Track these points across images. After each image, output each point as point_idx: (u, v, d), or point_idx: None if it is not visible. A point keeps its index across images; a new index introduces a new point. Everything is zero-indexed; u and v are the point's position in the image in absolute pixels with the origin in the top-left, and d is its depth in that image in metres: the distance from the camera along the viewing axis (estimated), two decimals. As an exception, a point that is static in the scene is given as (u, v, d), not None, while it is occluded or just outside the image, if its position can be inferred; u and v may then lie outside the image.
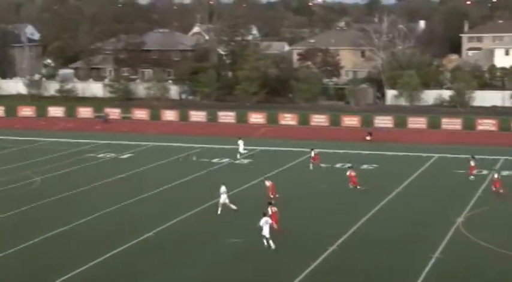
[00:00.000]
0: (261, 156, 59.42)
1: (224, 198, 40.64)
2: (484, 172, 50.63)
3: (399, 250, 34.40)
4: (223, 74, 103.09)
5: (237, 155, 58.20)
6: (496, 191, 44.86)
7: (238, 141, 58.75)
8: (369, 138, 68.41)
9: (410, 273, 31.07)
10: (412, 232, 37.42)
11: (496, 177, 45.79)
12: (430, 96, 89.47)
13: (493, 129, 73.58)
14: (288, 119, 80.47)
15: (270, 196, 42.33)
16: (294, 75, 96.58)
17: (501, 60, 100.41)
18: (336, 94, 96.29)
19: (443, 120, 75.97)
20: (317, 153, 54.58)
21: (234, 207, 40.53)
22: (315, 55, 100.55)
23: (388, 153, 60.37)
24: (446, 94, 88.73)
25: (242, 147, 58.45)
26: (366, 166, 54.94)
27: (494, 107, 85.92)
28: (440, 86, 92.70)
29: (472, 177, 49.35)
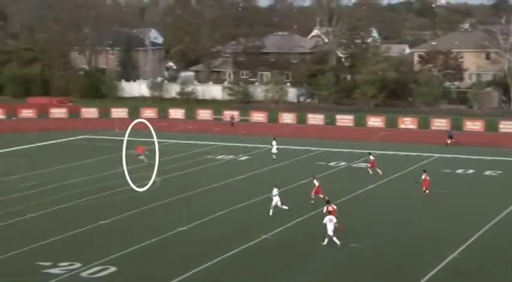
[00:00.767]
0: (379, 160, 58.21)
1: (276, 201, 40.48)
2: None
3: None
4: (342, 77, 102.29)
5: (272, 156, 58.79)
6: None
7: (273, 141, 59.46)
8: (450, 141, 66.68)
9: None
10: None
11: None
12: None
13: None
14: (407, 123, 78.80)
15: (311, 196, 42.85)
16: (414, 78, 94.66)
17: None
18: (458, 98, 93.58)
19: None
20: (374, 158, 53.22)
21: (286, 207, 40.45)
22: (436, 58, 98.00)
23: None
24: None
25: (275, 148, 59.14)
26: (489, 172, 52.95)
27: None
28: None
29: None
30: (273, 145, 59.51)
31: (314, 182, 43.99)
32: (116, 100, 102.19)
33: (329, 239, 34.43)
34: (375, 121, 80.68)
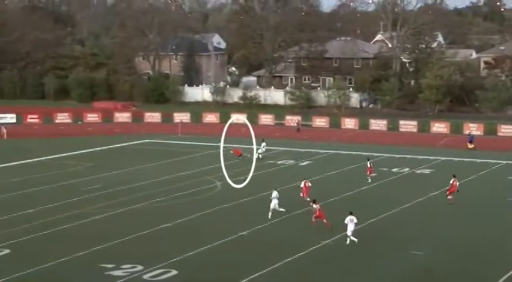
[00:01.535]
0: (443, 167, 57.34)
1: (275, 204, 40.99)
2: None
3: None
4: (406, 82, 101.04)
5: (259, 156, 60.90)
6: None
7: (262, 143, 62.10)
8: (471, 146, 66.25)
9: None
10: None
11: None
12: None
13: None
14: (473, 129, 77.23)
15: (302, 196, 44.30)
16: (480, 83, 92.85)
17: None
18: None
19: None
20: (372, 164, 52.58)
21: (283, 209, 41.09)
22: (504, 62, 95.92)
23: None
24: None
25: (262, 149, 61.51)
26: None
27: None
28: None
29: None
30: (260, 147, 61.97)
31: (302, 183, 45.11)
32: (179, 105, 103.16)
33: (350, 240, 35.27)
34: (439, 127, 79.43)
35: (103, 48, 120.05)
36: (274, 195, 41.55)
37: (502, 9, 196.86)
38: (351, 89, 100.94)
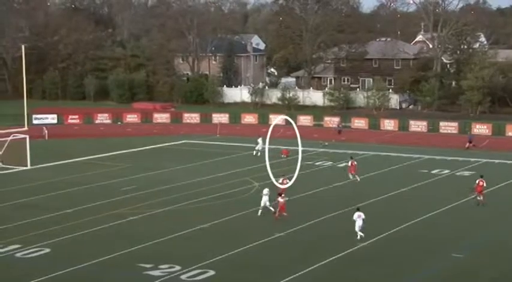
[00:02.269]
0: (484, 168, 56.52)
1: (265, 201, 41.43)
2: None
3: None
4: (447, 83, 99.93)
5: (255, 152, 62.84)
6: None
7: (258, 139, 63.83)
8: (467, 145, 66.55)
9: None
10: None
11: None
12: None
13: None
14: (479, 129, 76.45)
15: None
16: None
17: None
18: None
19: None
20: (353, 163, 52.59)
21: (273, 209, 41.32)
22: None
23: None
24: None
25: (260, 146, 63.15)
26: None
27: None
28: None
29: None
30: (258, 142, 63.52)
31: (280, 180, 46.52)
32: (218, 106, 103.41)
33: (359, 235, 36.17)
34: (481, 128, 78.39)
35: (143, 49, 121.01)
36: (265, 192, 41.93)
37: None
38: (390, 90, 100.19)
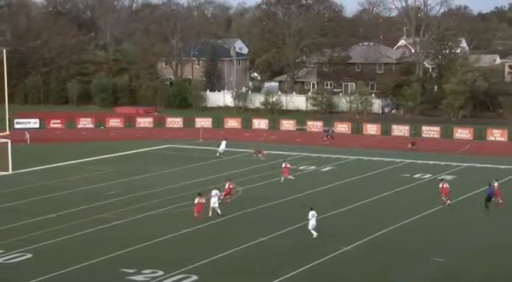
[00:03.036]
0: (466, 173, 56.93)
1: (214, 202, 42.48)
2: None
3: None
4: (429, 87, 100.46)
5: (218, 153, 64.88)
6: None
7: (223, 141, 65.43)
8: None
9: None
10: None
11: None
12: None
13: None
14: (497, 135, 76.65)
15: (226, 196, 46.04)
16: (504, 89, 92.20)
17: None
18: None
19: None
20: (286, 165, 54.22)
21: (220, 213, 42.27)
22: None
23: None
24: None
25: (222, 148, 65.06)
26: None
27: None
28: None
29: None
30: (221, 144, 65.26)
31: (226, 184, 46.84)
32: (201, 110, 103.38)
33: (313, 233, 37.35)
34: (462, 133, 78.85)
35: (126, 53, 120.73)
36: (214, 194, 42.60)
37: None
38: (373, 95, 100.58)
